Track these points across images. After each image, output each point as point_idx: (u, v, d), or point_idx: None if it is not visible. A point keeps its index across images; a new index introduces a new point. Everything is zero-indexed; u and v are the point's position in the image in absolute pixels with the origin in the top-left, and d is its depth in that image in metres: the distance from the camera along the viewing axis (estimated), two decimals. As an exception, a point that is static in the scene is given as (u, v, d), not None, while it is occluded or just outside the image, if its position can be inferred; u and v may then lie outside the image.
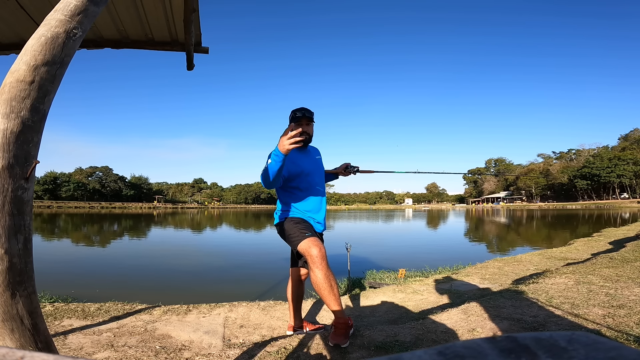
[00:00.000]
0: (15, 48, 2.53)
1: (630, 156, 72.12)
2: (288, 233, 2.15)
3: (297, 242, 2.07)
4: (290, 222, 2.18)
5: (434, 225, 21.69)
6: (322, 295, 1.99)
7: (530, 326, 2.04)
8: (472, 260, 6.03)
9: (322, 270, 1.97)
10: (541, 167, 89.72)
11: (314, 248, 2.00)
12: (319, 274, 1.96)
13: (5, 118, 0.89)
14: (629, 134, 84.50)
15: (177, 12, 2.23)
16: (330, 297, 1.98)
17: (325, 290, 1.97)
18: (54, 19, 1.01)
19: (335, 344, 1.90)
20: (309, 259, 2.00)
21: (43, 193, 66.13)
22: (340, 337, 1.93)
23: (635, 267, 3.51)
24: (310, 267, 2.00)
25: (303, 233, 2.09)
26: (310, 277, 2.02)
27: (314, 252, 1.99)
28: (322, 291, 1.97)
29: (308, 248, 2.01)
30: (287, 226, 2.17)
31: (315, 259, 1.97)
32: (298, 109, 2.27)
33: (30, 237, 0.93)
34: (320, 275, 1.96)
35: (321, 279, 1.96)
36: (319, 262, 1.97)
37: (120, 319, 2.60)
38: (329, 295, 1.97)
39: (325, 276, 1.97)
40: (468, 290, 3.67)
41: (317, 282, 1.97)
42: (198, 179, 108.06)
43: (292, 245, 2.15)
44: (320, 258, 1.98)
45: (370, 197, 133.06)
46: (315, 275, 1.97)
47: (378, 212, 53.27)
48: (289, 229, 2.15)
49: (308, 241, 2.04)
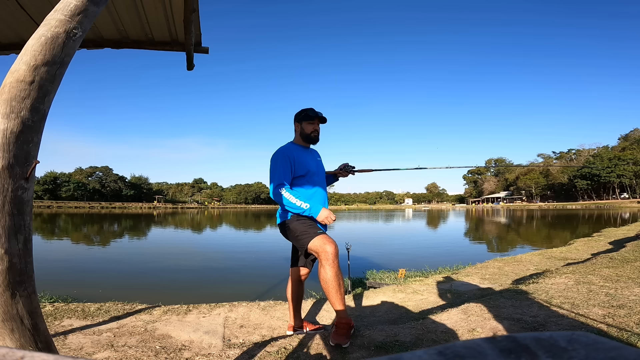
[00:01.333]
0: (15, 48, 2.53)
1: (630, 156, 72.11)
2: (297, 231, 2.13)
3: (308, 240, 2.05)
4: (298, 221, 2.17)
5: (434, 225, 21.69)
6: (329, 293, 1.98)
7: (530, 326, 2.04)
8: (472, 260, 6.03)
9: (334, 268, 1.97)
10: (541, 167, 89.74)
11: (329, 245, 2.00)
12: (331, 271, 1.96)
13: (5, 118, 0.88)
14: (629, 134, 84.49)
15: (177, 12, 2.23)
16: (337, 297, 1.98)
17: (334, 289, 1.97)
18: (54, 19, 1.01)
19: (337, 343, 1.90)
20: (323, 255, 1.99)
21: (43, 193, 66.11)
22: (342, 337, 1.93)
23: (635, 267, 3.51)
24: (322, 264, 1.99)
25: (314, 230, 2.09)
26: (320, 274, 2.00)
27: (329, 248, 1.99)
28: (330, 289, 1.97)
29: (323, 244, 2.00)
30: (295, 225, 2.15)
31: (330, 256, 1.98)
32: (311, 109, 2.31)
33: (30, 237, 0.93)
34: (331, 273, 1.96)
35: (331, 277, 1.96)
36: (333, 259, 1.98)
37: (120, 319, 2.60)
38: (336, 294, 1.98)
39: (335, 274, 1.97)
40: (468, 290, 3.67)
41: (327, 279, 1.96)
42: (198, 179, 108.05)
43: (301, 243, 2.11)
44: (334, 255, 1.99)
45: (370, 197, 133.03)
46: (326, 272, 1.97)
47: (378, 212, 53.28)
48: (298, 227, 2.13)
49: (322, 238, 2.04)
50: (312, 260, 2.38)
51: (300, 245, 2.15)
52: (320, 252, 2.00)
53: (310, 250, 2.09)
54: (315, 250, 2.04)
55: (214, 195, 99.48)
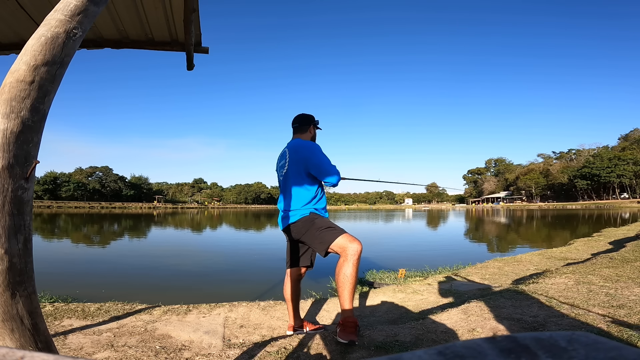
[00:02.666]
0: (15, 48, 2.53)
1: (630, 156, 72.10)
2: (325, 224, 2.16)
3: (336, 235, 2.08)
4: (321, 217, 2.23)
5: (434, 226, 21.69)
6: (344, 289, 2.00)
7: (530, 326, 2.04)
8: (472, 260, 6.03)
9: (356, 266, 2.01)
10: (541, 167, 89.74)
11: (357, 243, 2.04)
12: (353, 269, 2.00)
13: (5, 118, 0.88)
14: (629, 134, 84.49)
15: (177, 12, 2.23)
16: (350, 295, 2.02)
17: (350, 287, 2.00)
18: (54, 19, 1.01)
19: (350, 340, 1.91)
20: (349, 251, 2.02)
21: (43, 193, 66.09)
22: (352, 335, 1.95)
23: (635, 267, 3.51)
24: (346, 260, 2.01)
25: (340, 228, 2.14)
26: (342, 270, 2.01)
27: (356, 247, 2.02)
28: (346, 286, 1.99)
29: (350, 242, 2.04)
30: (320, 220, 2.20)
31: (356, 254, 2.01)
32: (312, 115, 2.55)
33: (30, 237, 0.93)
34: (352, 271, 2.00)
35: (351, 275, 1.99)
36: (357, 257, 2.02)
37: (120, 319, 2.60)
38: (350, 292, 2.01)
39: (355, 273, 2.01)
40: (468, 290, 3.67)
41: (347, 276, 1.99)
42: (198, 179, 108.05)
43: (328, 237, 2.10)
44: (359, 254, 2.03)
45: (370, 197, 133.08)
46: (347, 269, 1.99)
47: (378, 212, 53.27)
48: (324, 223, 2.18)
49: (349, 235, 2.09)
50: (311, 260, 2.39)
51: (324, 239, 2.12)
52: (348, 248, 2.03)
53: (334, 246, 2.08)
54: (342, 246, 2.05)
55: (214, 195, 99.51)
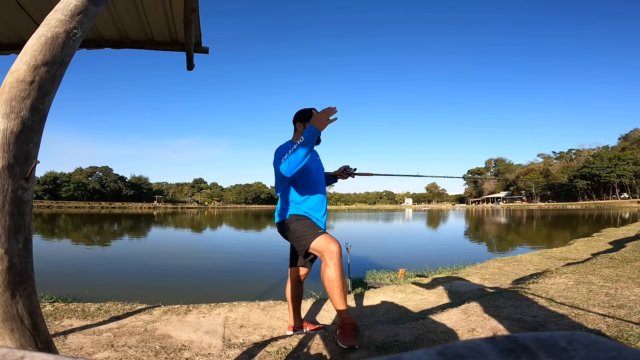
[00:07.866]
0: (15, 48, 2.53)
1: (630, 156, 72.09)
2: (297, 232, 2.11)
3: (311, 239, 2.03)
4: (298, 221, 2.15)
5: (434, 226, 21.68)
6: (332, 293, 1.96)
7: (530, 326, 2.04)
8: (472, 260, 6.03)
9: (338, 267, 1.95)
10: (541, 167, 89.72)
11: (334, 244, 1.98)
12: (335, 271, 1.94)
13: (5, 118, 0.88)
14: (629, 134, 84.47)
15: (177, 12, 2.23)
16: (341, 297, 1.96)
17: (337, 289, 1.94)
18: (54, 19, 1.01)
19: (350, 345, 1.84)
20: (327, 255, 1.97)
21: (43, 193, 66.09)
22: (352, 338, 1.89)
23: (635, 267, 3.51)
24: (327, 264, 1.97)
25: (316, 230, 2.07)
26: (325, 274, 1.97)
27: (334, 248, 1.97)
28: (333, 289, 1.94)
29: (327, 244, 1.99)
30: (296, 225, 2.13)
31: (335, 255, 1.96)
32: (315, 109, 2.28)
33: (30, 237, 0.93)
34: (336, 273, 1.94)
35: (335, 277, 1.94)
36: (337, 258, 1.96)
37: (120, 319, 2.60)
38: (340, 294, 1.95)
39: (340, 274, 1.95)
40: (468, 290, 3.66)
41: (332, 279, 1.94)
42: (198, 179, 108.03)
43: (302, 244, 2.09)
44: (339, 255, 1.97)
45: (370, 197, 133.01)
46: (330, 272, 1.94)
47: (378, 212, 53.26)
48: (299, 227, 2.12)
49: (325, 237, 2.02)
50: (312, 260, 2.37)
51: (301, 246, 2.12)
52: (325, 251, 1.98)
53: (312, 251, 2.06)
54: (319, 250, 2.02)
55: (214, 195, 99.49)
